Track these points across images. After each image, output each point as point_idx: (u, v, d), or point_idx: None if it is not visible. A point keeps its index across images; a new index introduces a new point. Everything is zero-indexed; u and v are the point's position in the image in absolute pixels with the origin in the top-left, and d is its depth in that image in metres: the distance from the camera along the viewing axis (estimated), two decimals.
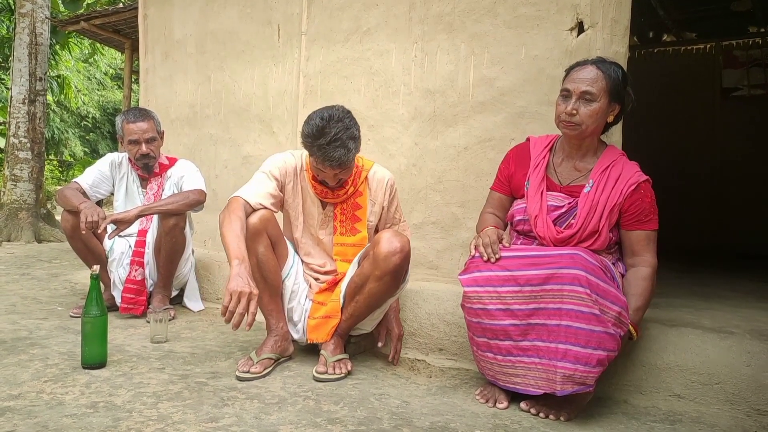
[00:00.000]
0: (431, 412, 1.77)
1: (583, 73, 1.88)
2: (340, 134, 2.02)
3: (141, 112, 2.99)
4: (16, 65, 6.88)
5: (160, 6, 4.09)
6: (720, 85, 5.74)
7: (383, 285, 2.06)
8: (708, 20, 5.57)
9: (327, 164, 2.04)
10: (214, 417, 1.64)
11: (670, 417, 1.82)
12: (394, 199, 2.35)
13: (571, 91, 1.88)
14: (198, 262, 3.27)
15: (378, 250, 2.03)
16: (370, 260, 2.08)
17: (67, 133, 19.51)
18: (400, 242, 2.04)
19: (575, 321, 1.68)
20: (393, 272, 2.04)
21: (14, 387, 1.80)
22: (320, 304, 2.22)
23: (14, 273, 4.12)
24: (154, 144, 2.97)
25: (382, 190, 2.30)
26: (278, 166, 2.24)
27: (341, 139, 2.02)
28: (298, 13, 3.19)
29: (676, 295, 2.80)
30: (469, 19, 2.59)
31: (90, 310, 2.00)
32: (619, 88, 1.89)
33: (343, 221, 2.29)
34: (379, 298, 2.11)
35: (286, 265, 2.26)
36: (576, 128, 1.90)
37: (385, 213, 2.33)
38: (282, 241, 2.26)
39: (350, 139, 2.05)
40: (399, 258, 2.02)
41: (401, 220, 2.41)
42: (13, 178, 6.82)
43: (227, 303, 1.76)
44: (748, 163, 5.44)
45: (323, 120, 2.04)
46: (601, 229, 1.88)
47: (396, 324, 2.31)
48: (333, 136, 2.01)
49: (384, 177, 2.32)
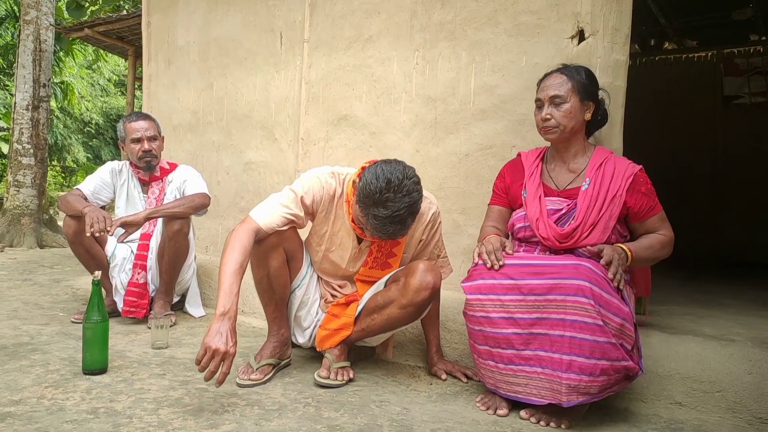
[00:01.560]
0: (432, 419, 1.76)
1: (549, 80, 2.02)
2: (403, 211, 1.82)
3: (142, 114, 3.07)
4: (20, 71, 6.92)
5: (164, 13, 4.12)
6: (721, 93, 5.75)
7: (405, 314, 2.02)
8: (709, 28, 5.58)
9: (377, 235, 1.90)
10: (214, 423, 1.64)
11: (672, 425, 1.82)
12: (437, 233, 2.20)
13: (542, 100, 2.02)
14: (200, 268, 3.28)
15: (410, 280, 1.97)
16: (399, 287, 2.02)
17: (71, 139, 19.59)
18: (434, 278, 1.97)
19: (579, 332, 1.68)
20: (419, 305, 1.99)
21: (15, 392, 1.80)
22: (334, 316, 2.18)
23: (16, 278, 4.13)
24: (156, 143, 3.00)
25: (423, 225, 2.14)
26: (314, 192, 2.02)
27: (402, 216, 1.82)
28: (301, 20, 3.21)
29: (677, 303, 2.80)
30: (470, 27, 2.60)
31: (91, 315, 2.01)
32: (586, 86, 2.00)
33: (377, 257, 2.17)
34: (397, 323, 2.07)
35: (299, 275, 2.19)
36: (555, 131, 1.99)
37: (422, 247, 2.20)
38: (299, 255, 2.15)
39: (411, 215, 1.86)
40: (428, 294, 1.97)
41: (441, 255, 2.26)
42: (16, 183, 6.85)
43: (200, 357, 1.68)
44: (749, 171, 5.44)
45: (389, 186, 1.81)
46: (600, 217, 1.91)
47: (440, 362, 2.23)
48: (395, 212, 1.80)
49: (427, 211, 2.12)
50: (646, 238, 1.96)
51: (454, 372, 2.19)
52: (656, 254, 1.94)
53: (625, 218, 1.98)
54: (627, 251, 1.83)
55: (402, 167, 1.89)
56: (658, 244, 1.94)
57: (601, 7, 2.28)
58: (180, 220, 2.81)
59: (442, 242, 2.26)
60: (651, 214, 1.96)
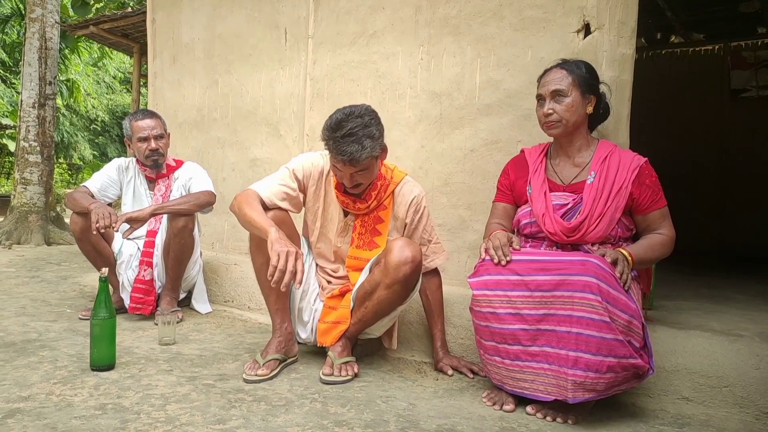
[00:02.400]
0: (438, 414, 1.77)
1: (549, 75, 2.03)
2: (357, 129, 1.98)
3: (148, 111, 3.09)
4: (26, 69, 6.94)
5: (168, 10, 4.12)
6: (728, 86, 5.71)
7: (392, 294, 2.04)
8: (716, 21, 5.54)
9: (339, 158, 2.00)
10: (222, 419, 1.65)
11: (679, 420, 1.81)
12: (422, 218, 2.25)
13: (543, 95, 2.03)
14: (206, 264, 3.29)
15: (389, 258, 2.00)
16: (381, 268, 2.05)
17: (77, 136, 19.67)
18: (412, 252, 1.99)
19: (586, 328, 1.68)
20: (403, 281, 2.01)
21: (24, 388, 1.82)
22: (331, 309, 2.22)
23: (24, 275, 4.16)
24: (162, 141, 3.02)
25: (405, 206, 2.22)
26: (303, 167, 2.21)
27: (357, 134, 1.97)
28: (305, 16, 3.20)
29: (684, 298, 2.79)
30: (475, 22, 2.59)
31: (99, 312, 2.02)
32: (587, 80, 2.00)
33: (362, 234, 2.24)
34: (388, 306, 2.08)
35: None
36: (558, 126, 2.00)
37: (409, 231, 2.25)
38: (296, 241, 2.22)
39: (367, 137, 1.99)
40: (409, 268, 1.99)
41: (432, 241, 2.29)
42: (23, 181, 6.88)
43: (275, 262, 1.77)
44: (757, 165, 5.41)
45: (344, 114, 2.01)
46: (606, 210, 1.91)
47: (445, 357, 2.24)
48: (348, 130, 1.97)
49: (409, 193, 2.23)
50: (646, 239, 1.95)
51: (460, 367, 2.20)
52: (656, 255, 1.93)
53: (630, 211, 1.97)
54: (628, 256, 1.82)
55: (359, 105, 2.08)
56: (658, 245, 1.93)
57: (607, 1, 2.26)
58: (185, 217, 2.82)
59: (431, 228, 2.30)
60: (654, 208, 1.95)
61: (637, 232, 2.00)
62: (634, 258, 1.83)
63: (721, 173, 5.64)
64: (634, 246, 1.91)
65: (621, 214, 1.93)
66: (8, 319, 2.73)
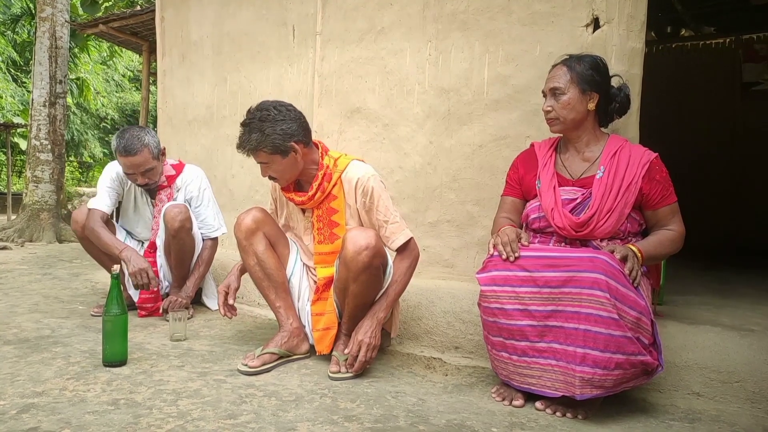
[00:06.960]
0: (447, 410, 1.77)
1: (551, 73, 2.05)
2: (255, 122, 2.09)
3: (133, 144, 2.75)
4: (36, 69, 7.00)
5: (177, 8, 4.13)
6: (740, 79, 5.64)
7: (362, 284, 2.01)
8: (727, 14, 5.47)
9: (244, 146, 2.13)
10: (233, 414, 1.66)
11: (689, 415, 1.81)
12: (373, 199, 2.11)
13: (545, 93, 2.05)
14: (216, 261, 3.30)
15: (344, 252, 1.97)
16: (341, 264, 2.02)
17: (87, 134, 19.82)
18: (365, 239, 1.94)
19: (594, 325, 1.67)
20: (365, 270, 1.96)
21: (38, 384, 1.84)
22: (319, 316, 2.21)
23: (37, 273, 4.20)
24: (152, 172, 2.85)
25: (353, 192, 2.15)
26: (271, 183, 2.33)
27: (255, 124, 2.08)
28: (313, 13, 3.21)
29: (695, 293, 2.77)
30: (483, 17, 2.58)
31: (111, 308, 2.04)
32: (587, 77, 1.98)
33: (320, 228, 2.23)
34: (366, 296, 2.07)
35: (289, 263, 2.30)
36: (556, 122, 2.02)
37: (363, 216, 2.17)
38: (282, 240, 2.31)
39: (267, 122, 2.09)
40: (367, 255, 1.93)
41: (390, 221, 2.12)
42: (34, 179, 6.95)
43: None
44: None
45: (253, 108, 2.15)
46: (616, 205, 1.90)
47: (365, 330, 2.05)
48: (249, 121, 2.10)
49: (353, 178, 2.13)
50: (655, 235, 1.94)
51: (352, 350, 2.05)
52: (666, 251, 1.92)
53: (640, 206, 1.96)
54: (637, 252, 1.81)
55: (283, 102, 2.18)
56: (668, 241, 1.92)
57: None
58: (180, 219, 2.78)
59: (385, 208, 2.12)
60: (664, 204, 1.93)
61: (647, 228, 1.99)
62: (643, 254, 1.82)
63: (732, 166, 5.58)
64: (644, 242, 1.90)
65: (631, 210, 1.92)
66: (22, 316, 2.76)
